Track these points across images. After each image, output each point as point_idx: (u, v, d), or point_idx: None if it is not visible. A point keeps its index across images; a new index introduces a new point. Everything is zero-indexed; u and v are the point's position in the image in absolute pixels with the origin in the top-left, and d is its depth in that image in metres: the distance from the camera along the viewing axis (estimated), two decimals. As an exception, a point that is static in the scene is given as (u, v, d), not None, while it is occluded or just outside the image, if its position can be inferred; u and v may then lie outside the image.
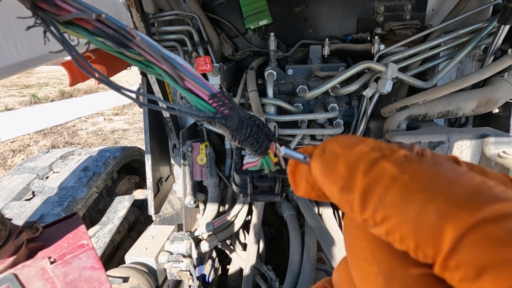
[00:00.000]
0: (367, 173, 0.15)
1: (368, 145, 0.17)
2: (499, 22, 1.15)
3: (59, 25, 0.23)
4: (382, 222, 0.14)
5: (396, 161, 0.15)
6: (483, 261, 0.11)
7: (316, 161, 0.18)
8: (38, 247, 0.39)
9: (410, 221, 0.13)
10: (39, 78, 11.32)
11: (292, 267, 1.26)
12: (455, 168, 0.14)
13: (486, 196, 0.12)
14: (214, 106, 0.24)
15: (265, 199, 0.31)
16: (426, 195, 0.13)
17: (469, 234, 0.11)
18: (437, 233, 0.12)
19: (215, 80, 1.37)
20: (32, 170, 1.67)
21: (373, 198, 0.14)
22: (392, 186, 0.14)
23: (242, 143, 0.26)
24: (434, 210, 0.12)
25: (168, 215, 1.71)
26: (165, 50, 0.25)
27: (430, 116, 1.31)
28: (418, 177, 0.14)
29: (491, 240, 0.11)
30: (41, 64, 1.05)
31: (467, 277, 0.11)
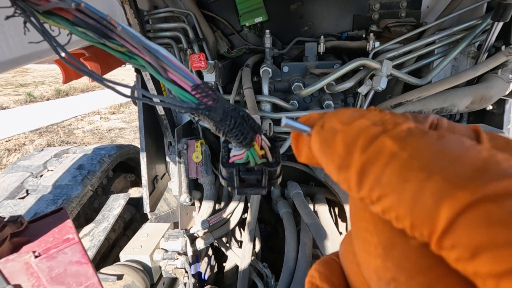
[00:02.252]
0: (365, 150, 0.14)
1: (370, 119, 0.15)
2: (493, 19, 1.16)
3: (39, 15, 0.23)
4: (378, 201, 0.14)
5: (397, 136, 0.14)
6: (479, 241, 0.11)
7: (315, 138, 0.17)
8: (22, 241, 0.39)
9: (406, 201, 0.12)
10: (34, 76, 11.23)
11: (288, 264, 1.26)
12: (461, 143, 0.13)
13: (491, 173, 0.11)
14: (197, 97, 0.24)
15: (252, 192, 0.31)
16: (424, 174, 0.12)
17: (466, 214, 0.11)
18: (433, 214, 0.12)
19: (210, 77, 1.36)
20: (26, 169, 1.66)
21: (370, 176, 0.14)
22: (390, 164, 0.13)
23: (226, 135, 0.26)
24: (432, 190, 0.12)
25: (163, 213, 1.71)
26: (147, 41, 0.25)
27: (424, 113, 1.31)
28: (418, 154, 0.13)
29: (488, 220, 0.10)
30: (33, 61, 1.04)
31: (462, 257, 0.11)
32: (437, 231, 0.12)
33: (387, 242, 0.15)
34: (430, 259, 0.13)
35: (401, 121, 0.15)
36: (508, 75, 1.21)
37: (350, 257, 0.19)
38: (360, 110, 0.17)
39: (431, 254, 0.13)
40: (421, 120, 0.16)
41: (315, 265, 0.21)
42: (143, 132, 1.51)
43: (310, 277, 0.21)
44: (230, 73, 1.61)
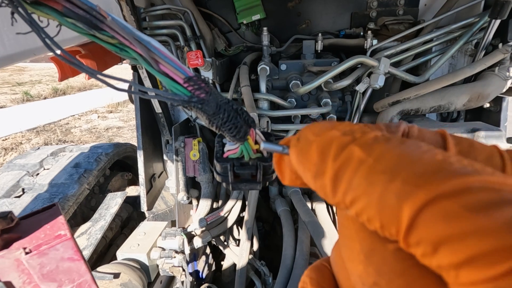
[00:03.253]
0: (337, 158, 0.15)
1: (340, 129, 0.17)
2: (490, 17, 1.15)
3: (27, 5, 0.23)
4: (352, 204, 0.15)
5: (364, 143, 0.15)
6: (438, 236, 0.11)
7: (292, 150, 0.19)
8: (13, 238, 0.38)
9: (374, 202, 0.13)
10: (31, 75, 11.16)
11: (285, 262, 1.26)
12: (419, 147, 0.14)
13: (444, 173, 0.12)
14: (189, 90, 0.24)
15: (247, 187, 0.31)
16: (388, 176, 0.13)
17: (425, 211, 0.12)
18: (397, 213, 0.12)
19: (207, 75, 1.36)
20: (22, 167, 1.65)
21: (343, 182, 0.15)
22: (359, 169, 0.14)
23: (219, 128, 0.25)
24: (394, 190, 0.13)
25: (161, 212, 1.70)
26: (139, 32, 0.24)
27: (422, 110, 1.31)
28: (382, 158, 0.14)
29: (445, 215, 0.11)
30: (28, 58, 1.03)
31: (426, 252, 0.12)
32: (402, 229, 0.12)
33: (368, 248, 0.16)
34: (406, 262, 0.14)
35: (369, 130, 0.16)
36: (505, 72, 1.21)
37: (339, 263, 0.20)
38: (332, 122, 0.18)
39: (408, 257, 0.14)
40: (393, 129, 0.18)
41: (307, 271, 0.22)
42: (140, 130, 1.51)
43: (302, 282, 0.22)
44: (228, 71, 1.60)
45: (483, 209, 0.11)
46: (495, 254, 0.10)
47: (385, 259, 0.15)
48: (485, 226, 0.11)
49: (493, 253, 0.10)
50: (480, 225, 0.11)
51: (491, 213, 0.11)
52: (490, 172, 0.13)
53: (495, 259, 0.10)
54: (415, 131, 0.18)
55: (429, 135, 0.18)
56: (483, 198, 0.11)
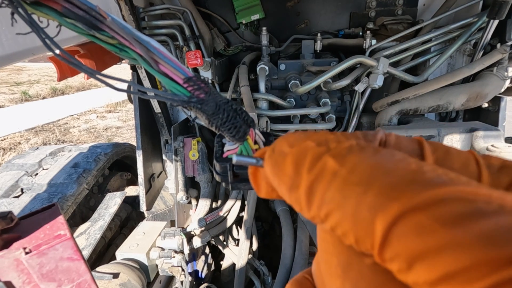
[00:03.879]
0: (311, 170, 0.15)
1: (315, 140, 0.16)
2: (488, 17, 1.16)
3: (27, 6, 0.23)
4: (326, 218, 0.14)
5: (338, 154, 0.15)
6: (412, 251, 0.11)
7: (267, 162, 0.18)
8: (13, 238, 0.38)
9: (348, 216, 0.13)
10: (30, 75, 11.13)
11: (285, 261, 1.26)
12: (393, 156, 0.14)
13: (417, 184, 0.12)
14: (189, 90, 0.24)
15: (246, 187, 0.31)
16: (361, 188, 0.13)
17: (398, 225, 0.11)
18: (371, 227, 0.12)
19: (206, 74, 1.36)
20: (21, 167, 1.64)
21: (317, 195, 0.14)
22: (332, 181, 0.14)
23: (219, 129, 0.25)
24: (368, 203, 0.12)
25: (160, 211, 1.70)
26: (138, 32, 0.24)
27: (421, 110, 1.32)
28: (355, 169, 0.13)
29: (418, 229, 0.11)
30: (27, 58, 1.03)
31: (401, 269, 0.11)
32: (376, 244, 0.12)
33: (345, 262, 0.15)
34: (384, 276, 0.13)
35: (344, 140, 0.16)
36: (504, 72, 1.22)
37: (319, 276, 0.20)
38: (308, 132, 0.17)
39: (385, 271, 0.13)
40: (371, 137, 0.17)
41: (288, 285, 0.22)
42: (139, 130, 1.51)
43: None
44: (227, 71, 1.60)
45: (458, 221, 0.10)
46: (473, 270, 0.10)
47: (362, 273, 0.14)
48: (460, 240, 0.10)
49: (470, 269, 0.10)
50: (455, 239, 0.10)
51: (466, 225, 0.10)
52: (465, 181, 0.12)
53: (472, 275, 0.10)
54: (392, 139, 0.18)
55: (406, 143, 0.18)
56: (458, 210, 0.11)
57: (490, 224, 0.10)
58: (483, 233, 0.10)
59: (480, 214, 0.10)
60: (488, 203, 0.11)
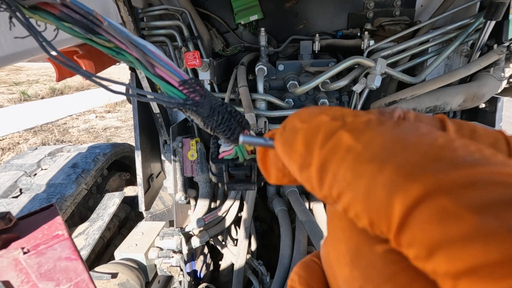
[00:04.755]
0: (324, 146, 0.14)
1: (329, 114, 0.15)
2: (485, 18, 1.17)
3: (25, 10, 0.23)
4: (339, 198, 0.13)
5: (355, 128, 0.13)
6: (434, 239, 0.10)
7: (277, 141, 0.17)
8: (11, 238, 0.38)
9: (361, 196, 0.12)
10: (28, 75, 11.11)
11: (283, 261, 1.26)
12: (416, 129, 0.12)
13: (445, 162, 0.10)
14: (184, 93, 0.24)
15: (242, 187, 0.31)
16: (376, 165, 0.11)
17: (419, 208, 0.10)
18: (387, 209, 0.11)
19: (205, 75, 1.36)
20: (20, 167, 1.64)
21: (329, 173, 0.13)
22: (345, 158, 0.13)
23: (214, 130, 0.26)
24: (384, 182, 0.11)
25: (159, 212, 1.70)
26: (135, 36, 0.25)
27: (418, 111, 1.32)
28: (371, 144, 0.12)
29: (443, 215, 0.10)
30: (26, 58, 1.03)
31: (420, 256, 0.10)
32: (393, 227, 0.11)
33: (354, 250, 0.14)
34: (395, 266, 0.12)
35: (361, 114, 0.14)
36: (500, 73, 1.23)
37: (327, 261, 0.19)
38: (322, 107, 0.16)
39: (397, 260, 0.12)
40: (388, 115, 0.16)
41: (296, 268, 0.21)
42: (138, 130, 1.51)
43: (291, 280, 0.21)
44: (225, 72, 1.61)
45: (491, 208, 0.09)
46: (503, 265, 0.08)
47: (372, 262, 0.13)
48: (492, 230, 0.09)
49: (500, 264, 0.09)
50: (486, 228, 0.09)
51: (501, 214, 0.09)
52: (502, 161, 0.10)
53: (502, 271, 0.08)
54: (411, 116, 0.16)
55: (427, 120, 0.16)
56: (492, 195, 0.09)
57: None
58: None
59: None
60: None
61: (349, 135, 0.13)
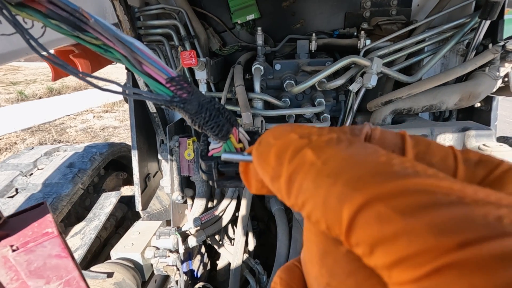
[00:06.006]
0: (291, 161, 0.16)
1: (298, 132, 0.17)
2: (480, 17, 1.17)
3: (11, 7, 0.23)
4: (303, 207, 0.15)
5: (317, 146, 0.15)
6: (373, 238, 0.12)
7: (254, 154, 0.19)
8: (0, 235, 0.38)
9: (319, 205, 0.14)
10: (26, 75, 11.06)
11: (279, 260, 1.27)
12: (364, 149, 0.15)
13: (383, 175, 0.13)
14: (172, 90, 0.24)
15: (232, 185, 0.31)
16: (331, 179, 0.14)
17: (361, 213, 0.12)
18: (338, 215, 0.13)
19: (201, 74, 1.36)
20: (16, 167, 1.64)
21: (295, 184, 0.15)
22: (309, 172, 0.15)
23: (202, 127, 0.26)
24: (336, 193, 0.13)
25: (156, 211, 1.70)
26: (122, 33, 0.25)
27: (414, 110, 1.33)
28: (328, 161, 0.14)
29: (378, 217, 0.12)
30: (21, 57, 1.03)
31: (365, 253, 0.12)
32: (343, 229, 0.13)
33: (323, 250, 0.16)
34: (356, 263, 0.15)
35: (325, 133, 0.16)
36: (495, 72, 1.23)
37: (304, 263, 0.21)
38: (293, 125, 0.18)
39: (357, 258, 0.14)
40: (357, 131, 0.18)
41: (278, 272, 0.23)
42: (134, 130, 1.51)
43: (273, 283, 0.22)
44: (222, 71, 1.61)
45: (413, 211, 0.11)
46: (420, 256, 0.11)
47: (337, 260, 0.15)
48: (413, 228, 0.11)
49: (417, 255, 0.11)
50: (408, 227, 0.11)
51: (420, 215, 0.11)
52: (429, 173, 0.13)
53: (419, 261, 0.11)
54: (377, 133, 0.18)
55: (390, 137, 0.18)
56: (414, 201, 0.11)
57: (442, 214, 0.11)
58: (434, 222, 0.11)
59: (436, 205, 0.11)
60: (448, 194, 0.12)
61: (312, 152, 0.15)
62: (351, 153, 0.14)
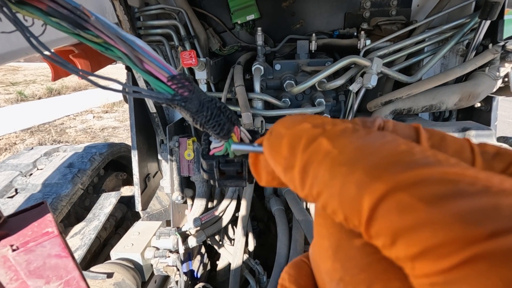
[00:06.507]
0: (305, 151, 0.15)
1: (311, 122, 0.17)
2: (480, 18, 1.17)
3: (11, 5, 0.23)
4: (318, 197, 0.15)
5: (332, 135, 0.15)
6: (395, 228, 0.11)
7: (265, 145, 0.18)
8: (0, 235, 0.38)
9: (336, 194, 0.13)
10: (25, 75, 11.06)
11: (279, 260, 1.26)
12: (383, 137, 0.14)
13: (403, 164, 0.12)
14: (173, 88, 0.24)
15: (233, 184, 0.31)
16: (348, 168, 0.13)
17: (383, 203, 0.12)
18: (358, 204, 0.13)
19: (201, 74, 1.36)
20: (15, 167, 1.63)
21: (310, 174, 0.15)
22: (324, 161, 0.14)
23: (203, 126, 0.26)
24: (354, 182, 0.13)
25: (156, 211, 1.70)
26: (123, 31, 0.24)
27: (414, 110, 1.33)
28: (345, 150, 0.14)
29: (401, 207, 0.11)
30: (20, 57, 1.02)
31: (386, 244, 0.12)
32: (363, 220, 0.12)
33: (335, 244, 0.16)
34: (370, 257, 0.14)
35: (339, 123, 0.16)
36: (495, 72, 1.23)
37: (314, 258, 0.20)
38: (305, 115, 0.18)
39: (372, 252, 0.14)
40: (369, 124, 0.18)
41: (286, 268, 0.22)
42: (134, 130, 1.50)
43: (281, 279, 0.22)
44: (222, 71, 1.60)
45: (438, 201, 0.11)
46: (446, 247, 0.10)
47: (351, 255, 0.15)
48: (437, 218, 0.11)
49: (443, 246, 0.10)
50: (433, 217, 0.11)
51: (444, 205, 0.11)
52: (452, 163, 0.12)
53: (445, 251, 0.10)
54: (390, 126, 0.18)
55: (403, 129, 0.18)
56: (439, 190, 0.11)
57: (468, 204, 0.11)
58: (460, 212, 0.10)
59: (461, 194, 0.11)
60: (473, 184, 0.11)
61: (328, 141, 0.15)
62: (369, 142, 0.14)
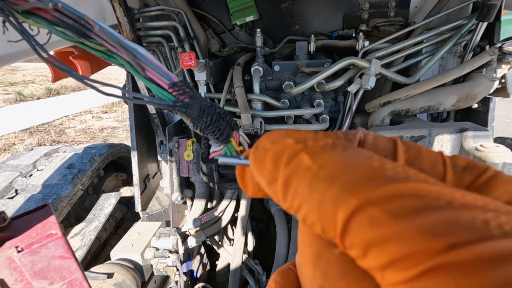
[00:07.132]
0: (288, 165, 0.16)
1: (294, 137, 0.17)
2: (478, 19, 1.18)
3: (18, 15, 0.24)
4: (299, 210, 0.15)
5: (313, 151, 0.16)
6: (367, 240, 0.12)
7: (251, 158, 0.19)
8: (5, 237, 0.39)
9: (315, 208, 0.14)
10: (24, 75, 11.03)
11: (278, 260, 1.27)
12: (359, 154, 0.15)
13: (375, 180, 0.13)
14: (174, 95, 0.25)
15: (232, 187, 0.32)
16: (326, 183, 0.14)
17: (355, 216, 0.13)
18: (333, 217, 0.13)
19: (201, 76, 1.36)
20: (15, 168, 1.64)
21: (291, 188, 0.16)
22: (304, 176, 0.15)
23: (203, 131, 0.27)
24: (331, 197, 0.14)
25: (155, 212, 1.70)
26: (126, 39, 0.25)
27: (412, 111, 1.34)
28: (324, 166, 0.15)
29: (372, 221, 0.12)
30: (21, 59, 1.03)
31: (359, 255, 0.13)
32: (338, 232, 0.13)
33: (316, 253, 0.17)
34: (348, 265, 0.15)
35: (321, 138, 0.17)
36: (492, 74, 1.24)
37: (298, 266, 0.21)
38: (289, 130, 0.19)
39: (349, 261, 0.15)
40: (351, 136, 0.18)
41: (273, 275, 0.23)
42: (134, 131, 1.51)
43: (269, 286, 0.23)
44: (222, 72, 1.61)
45: (404, 215, 0.12)
46: (411, 258, 0.11)
47: (330, 263, 0.16)
48: (403, 231, 0.11)
49: (409, 257, 0.11)
50: (399, 230, 0.12)
51: (410, 219, 0.12)
52: (421, 178, 0.13)
53: (410, 263, 0.11)
54: (370, 139, 0.19)
55: (382, 142, 0.19)
56: (407, 205, 0.12)
57: (432, 218, 0.11)
58: (424, 226, 0.11)
59: (426, 209, 0.12)
60: (437, 198, 0.12)
61: (308, 157, 0.16)
62: (346, 158, 0.15)
